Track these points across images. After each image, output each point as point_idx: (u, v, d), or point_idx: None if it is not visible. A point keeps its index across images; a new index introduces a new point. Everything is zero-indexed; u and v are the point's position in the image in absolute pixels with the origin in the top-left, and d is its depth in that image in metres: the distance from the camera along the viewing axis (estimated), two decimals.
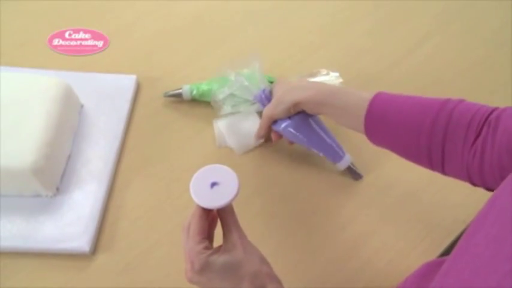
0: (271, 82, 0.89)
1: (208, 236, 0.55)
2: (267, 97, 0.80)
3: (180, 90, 0.89)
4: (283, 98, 0.73)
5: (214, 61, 0.98)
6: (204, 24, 1.07)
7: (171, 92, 0.90)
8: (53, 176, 0.75)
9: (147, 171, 0.81)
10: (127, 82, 0.91)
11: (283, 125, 0.76)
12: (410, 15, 1.13)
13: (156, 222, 0.76)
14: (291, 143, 0.81)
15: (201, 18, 1.08)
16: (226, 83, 0.86)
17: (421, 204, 0.80)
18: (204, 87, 0.89)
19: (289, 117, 0.75)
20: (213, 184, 0.56)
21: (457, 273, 0.37)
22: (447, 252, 0.74)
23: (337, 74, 0.92)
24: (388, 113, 0.62)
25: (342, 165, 0.79)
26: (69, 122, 0.81)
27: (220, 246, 0.54)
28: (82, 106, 0.87)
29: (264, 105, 0.79)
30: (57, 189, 0.76)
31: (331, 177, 0.82)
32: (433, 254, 0.73)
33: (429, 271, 0.59)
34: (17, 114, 0.73)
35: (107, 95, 0.89)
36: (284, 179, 0.81)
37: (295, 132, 0.76)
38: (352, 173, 0.80)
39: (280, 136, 0.79)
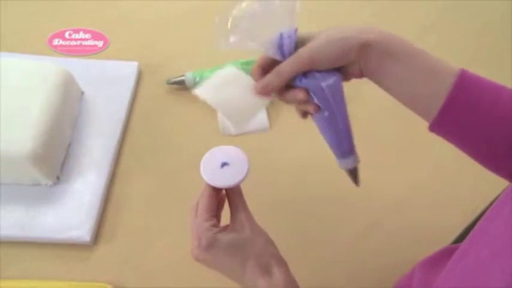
0: None
1: (216, 216, 0.55)
2: (288, 47, 0.51)
3: (183, 78, 0.87)
4: (341, 35, 0.50)
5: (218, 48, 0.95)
6: (208, 10, 1.04)
7: (174, 80, 0.88)
8: (52, 164, 0.74)
9: (149, 160, 0.80)
10: (128, 69, 0.89)
11: (330, 80, 0.51)
12: (416, 3, 1.10)
13: (158, 211, 0.74)
14: (305, 115, 0.57)
15: (204, 4, 1.05)
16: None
17: (429, 195, 0.78)
18: (208, 74, 0.87)
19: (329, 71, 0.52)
20: (223, 164, 0.55)
21: (476, 253, 0.37)
22: (459, 240, 0.72)
23: None
24: (477, 93, 0.48)
25: (350, 163, 0.58)
26: (69, 110, 0.79)
27: (227, 226, 0.53)
28: (83, 93, 0.85)
29: (282, 53, 0.52)
30: (57, 178, 0.74)
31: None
32: (442, 244, 0.71)
33: (441, 257, 0.58)
34: (16, 101, 0.72)
35: (108, 82, 0.87)
36: (293, 166, 0.80)
37: (333, 95, 0.52)
38: (354, 176, 0.61)
39: (303, 100, 0.52)
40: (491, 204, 0.46)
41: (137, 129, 0.83)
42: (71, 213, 0.71)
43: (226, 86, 0.55)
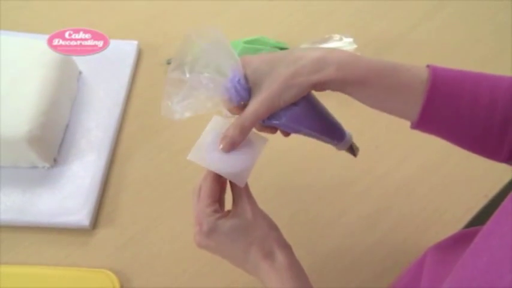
0: (282, 49, 0.84)
1: (219, 200, 0.53)
2: (242, 86, 0.49)
3: None
4: (296, 80, 0.48)
5: (219, 26, 0.91)
6: None
7: None
8: (50, 146, 0.71)
9: (149, 141, 0.77)
10: (128, 48, 0.86)
11: (286, 116, 0.50)
12: None
13: (159, 195, 0.72)
14: (287, 134, 0.55)
15: None
16: (235, 50, 0.81)
17: (439, 177, 0.75)
18: None
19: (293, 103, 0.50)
20: None
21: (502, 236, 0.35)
22: (472, 224, 0.70)
23: (350, 40, 0.87)
24: (454, 92, 0.48)
25: (345, 144, 0.57)
26: (66, 89, 0.76)
27: (229, 211, 0.52)
28: (80, 73, 0.82)
29: (240, 98, 0.50)
30: (55, 160, 0.72)
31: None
32: (453, 229, 0.69)
33: (454, 243, 0.55)
34: (10, 80, 0.69)
35: (106, 61, 0.83)
36: (296, 151, 0.77)
37: (303, 121, 0.52)
38: (352, 150, 0.59)
39: (275, 130, 0.54)
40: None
41: (137, 110, 0.80)
42: (69, 196, 0.69)
43: (215, 143, 0.51)
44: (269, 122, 0.51)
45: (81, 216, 0.67)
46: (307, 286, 0.50)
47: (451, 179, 0.75)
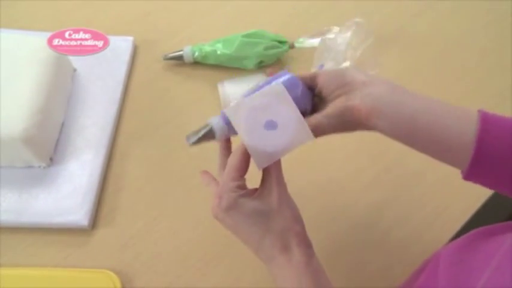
0: (281, 42, 0.83)
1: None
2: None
3: (181, 52, 0.83)
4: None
5: (217, 20, 0.91)
6: None
7: (172, 55, 0.83)
8: (45, 145, 0.69)
9: (147, 139, 0.75)
10: (123, 44, 0.84)
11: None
12: None
13: (159, 193, 0.70)
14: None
15: None
16: (233, 44, 0.80)
17: (442, 172, 0.73)
18: (207, 48, 0.82)
19: None
20: (269, 123, 0.46)
21: None
22: (472, 222, 0.69)
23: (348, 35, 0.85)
24: (503, 149, 0.44)
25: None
26: (61, 87, 0.75)
27: (255, 189, 0.49)
28: (75, 70, 0.81)
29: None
30: (51, 159, 0.70)
31: (348, 144, 0.76)
32: (457, 224, 0.68)
33: (469, 243, 0.54)
34: (3, 78, 0.67)
35: (102, 58, 0.81)
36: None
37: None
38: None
39: None
40: None
41: (134, 107, 0.79)
42: (66, 196, 0.67)
43: (258, 110, 0.47)
44: None
45: (79, 216, 0.65)
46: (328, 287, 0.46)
47: (454, 173, 0.74)
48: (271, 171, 0.48)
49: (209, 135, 0.50)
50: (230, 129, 0.49)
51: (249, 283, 0.63)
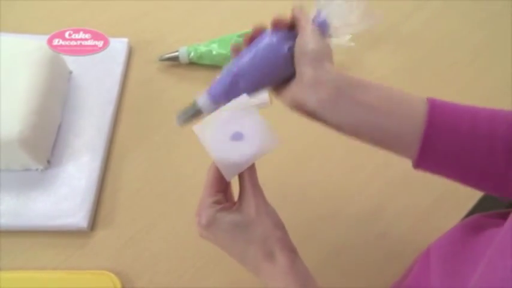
0: None
1: (225, 190, 0.50)
2: None
3: (177, 53, 0.83)
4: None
5: (212, 20, 0.91)
6: None
7: (167, 55, 0.83)
8: (42, 147, 0.69)
9: (145, 140, 0.75)
10: (118, 46, 0.84)
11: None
12: None
13: (158, 193, 0.70)
14: None
15: None
16: (229, 44, 0.80)
17: None
18: (203, 48, 0.82)
19: None
20: (236, 135, 0.47)
21: None
22: (474, 211, 0.70)
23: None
24: (453, 124, 0.46)
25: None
26: (57, 89, 0.74)
27: (234, 203, 0.49)
28: (71, 73, 0.80)
29: None
30: (48, 162, 0.70)
31: (346, 139, 0.76)
32: (457, 216, 0.69)
33: (461, 235, 0.54)
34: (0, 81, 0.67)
35: (97, 60, 0.82)
36: (298, 141, 0.76)
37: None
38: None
39: None
40: None
41: (131, 109, 0.79)
42: (65, 198, 0.67)
43: (226, 123, 0.48)
44: None
45: (78, 218, 0.65)
46: None
47: None
48: (247, 183, 0.48)
49: (197, 114, 0.52)
50: (216, 105, 0.50)
51: (250, 283, 0.63)
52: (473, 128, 0.45)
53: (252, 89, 0.51)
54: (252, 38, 0.52)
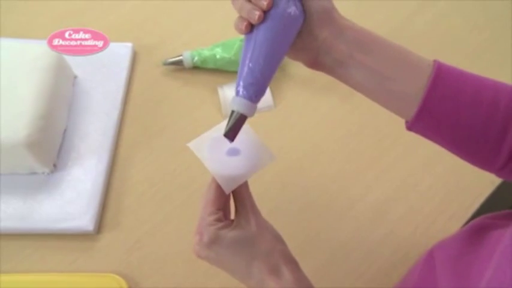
0: None
1: (224, 208, 0.50)
2: None
3: (181, 57, 0.83)
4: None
5: (215, 25, 0.91)
6: None
7: (171, 60, 0.84)
8: (49, 151, 0.70)
9: (150, 143, 0.76)
10: (123, 50, 0.84)
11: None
12: None
13: (163, 196, 0.71)
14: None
15: None
16: (232, 48, 0.81)
17: (444, 167, 0.75)
18: (206, 53, 0.83)
19: None
20: (232, 151, 0.49)
21: None
22: (478, 214, 0.70)
23: None
24: (458, 85, 0.46)
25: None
26: (62, 94, 0.75)
27: (232, 221, 0.49)
28: (76, 77, 0.81)
29: None
30: (54, 165, 0.70)
31: (350, 142, 0.77)
32: (462, 218, 0.69)
33: (468, 236, 0.54)
34: (5, 85, 0.67)
35: (102, 64, 0.82)
36: (300, 146, 0.76)
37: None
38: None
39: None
40: None
41: (136, 112, 0.79)
42: (71, 202, 0.67)
43: (220, 141, 0.47)
44: None
45: (84, 221, 0.65)
46: None
47: (456, 167, 0.75)
48: (245, 200, 0.48)
49: (242, 120, 0.45)
50: (254, 99, 0.45)
51: None
52: (476, 94, 0.45)
53: (273, 62, 0.47)
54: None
